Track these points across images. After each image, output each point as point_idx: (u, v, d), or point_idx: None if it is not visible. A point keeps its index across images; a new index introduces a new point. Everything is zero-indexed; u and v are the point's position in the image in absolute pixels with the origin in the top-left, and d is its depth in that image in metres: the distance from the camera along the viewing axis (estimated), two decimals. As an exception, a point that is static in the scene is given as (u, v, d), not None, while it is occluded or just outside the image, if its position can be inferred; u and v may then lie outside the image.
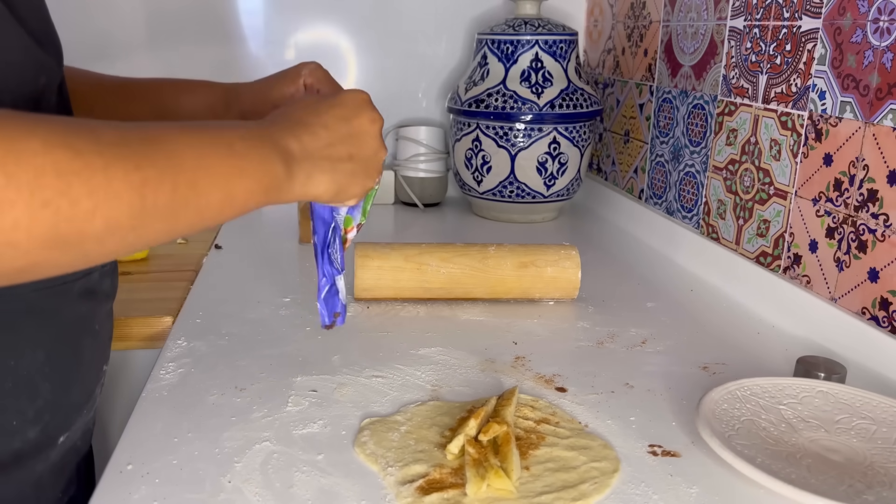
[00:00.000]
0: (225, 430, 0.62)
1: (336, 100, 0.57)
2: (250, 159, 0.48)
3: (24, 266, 0.37)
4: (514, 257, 0.91)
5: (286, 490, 0.54)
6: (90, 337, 0.60)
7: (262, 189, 0.49)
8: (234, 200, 0.47)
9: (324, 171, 0.53)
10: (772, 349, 0.83)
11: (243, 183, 0.47)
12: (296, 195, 0.52)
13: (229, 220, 0.49)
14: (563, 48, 1.29)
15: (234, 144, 0.47)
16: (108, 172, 0.38)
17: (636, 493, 0.55)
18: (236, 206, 0.48)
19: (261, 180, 0.48)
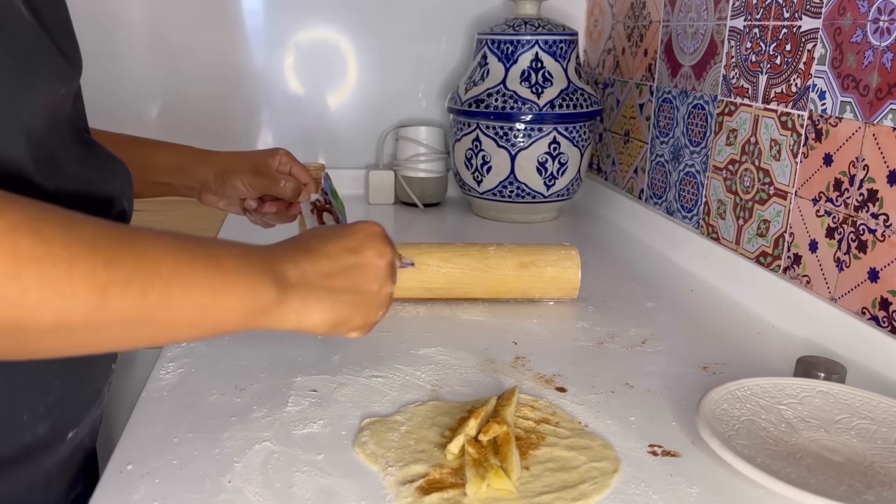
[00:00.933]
0: (225, 430, 0.62)
1: (346, 230, 0.56)
2: (237, 278, 0.45)
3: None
4: (514, 257, 0.91)
5: (286, 490, 0.54)
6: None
7: (246, 311, 0.46)
8: (210, 319, 0.44)
9: (321, 300, 0.51)
10: (772, 349, 0.83)
11: (224, 302, 0.45)
12: (289, 323, 0.50)
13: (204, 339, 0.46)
14: (563, 48, 1.29)
15: (221, 260, 0.45)
16: (70, 265, 0.37)
17: (636, 493, 0.55)
18: (211, 326, 0.45)
19: (245, 302, 0.46)
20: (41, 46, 0.50)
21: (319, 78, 1.51)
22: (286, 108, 1.51)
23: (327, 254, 0.53)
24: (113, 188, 0.59)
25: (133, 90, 1.44)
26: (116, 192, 0.59)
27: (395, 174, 1.47)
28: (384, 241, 0.57)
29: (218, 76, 1.47)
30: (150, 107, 1.46)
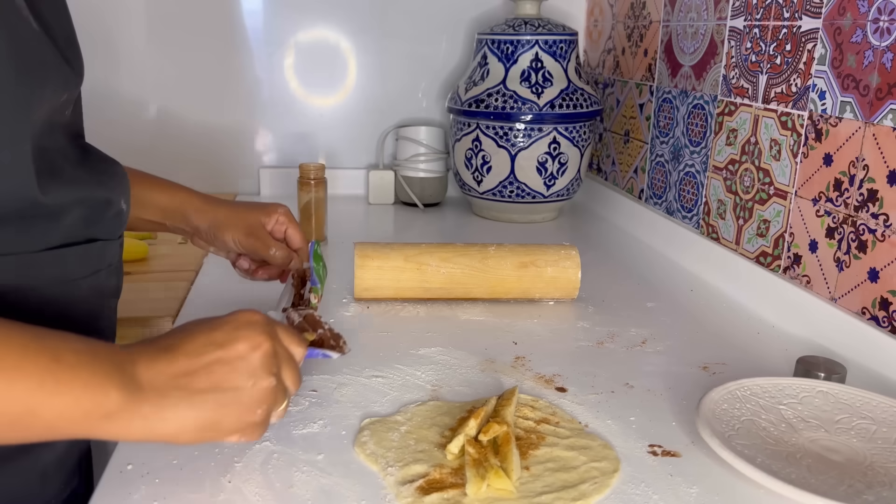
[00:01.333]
0: (225, 430, 0.62)
1: (215, 322, 0.50)
2: (74, 375, 0.42)
3: None
4: (514, 257, 0.91)
5: (286, 490, 0.54)
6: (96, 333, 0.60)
7: (83, 414, 0.42)
8: (39, 419, 0.41)
9: (177, 405, 0.46)
10: (772, 349, 0.83)
11: (56, 400, 0.41)
12: (137, 432, 0.45)
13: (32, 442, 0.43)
14: (563, 48, 1.29)
15: (62, 355, 0.42)
16: None
17: (636, 493, 0.55)
18: (40, 428, 0.42)
19: (81, 403, 0.42)
20: (48, 55, 0.51)
21: (319, 78, 1.51)
22: (286, 108, 1.51)
23: (188, 351, 0.48)
24: (110, 190, 0.59)
25: (132, 90, 1.44)
26: (114, 194, 0.60)
27: (395, 174, 1.47)
28: (260, 329, 0.50)
29: (218, 76, 1.47)
30: (149, 107, 1.46)
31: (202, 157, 1.50)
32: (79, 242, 0.57)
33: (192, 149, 1.49)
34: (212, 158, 1.51)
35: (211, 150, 1.50)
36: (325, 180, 1.17)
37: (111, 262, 0.62)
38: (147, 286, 1.00)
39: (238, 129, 1.51)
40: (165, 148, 1.48)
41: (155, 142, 1.47)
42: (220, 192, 1.50)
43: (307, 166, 1.16)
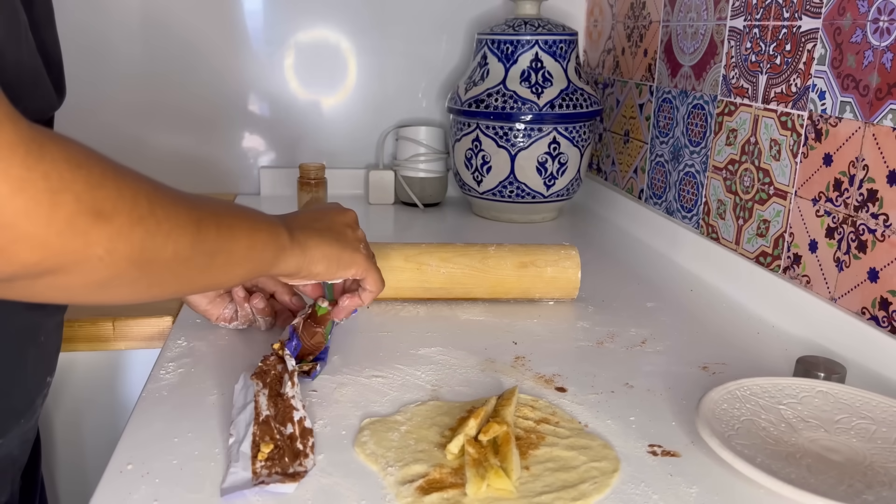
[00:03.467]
0: (225, 430, 0.62)
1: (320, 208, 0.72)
2: (264, 221, 0.58)
3: (106, 278, 0.42)
4: (514, 257, 0.91)
5: (286, 490, 0.54)
6: (34, 347, 0.60)
7: (274, 246, 0.58)
8: (255, 251, 0.55)
9: (312, 239, 0.64)
10: (772, 349, 0.83)
11: (261, 236, 0.56)
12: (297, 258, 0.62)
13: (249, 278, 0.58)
14: (563, 48, 1.29)
15: (249, 212, 0.57)
16: (177, 206, 0.46)
17: (636, 493, 0.55)
18: (255, 259, 0.56)
19: (273, 239, 0.58)
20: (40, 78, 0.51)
21: (319, 78, 1.51)
22: (286, 107, 1.51)
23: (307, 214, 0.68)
24: None
25: (132, 89, 1.44)
26: None
27: (395, 174, 1.47)
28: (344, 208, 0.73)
29: (218, 76, 1.47)
30: (148, 106, 1.46)
31: (202, 157, 1.50)
32: None
33: (191, 149, 1.49)
34: (212, 158, 1.51)
35: (211, 151, 1.50)
36: (325, 180, 1.17)
37: None
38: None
39: (238, 129, 1.51)
40: (164, 148, 1.48)
41: (154, 142, 1.47)
42: (220, 192, 1.51)
43: (307, 166, 1.16)
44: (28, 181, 0.35)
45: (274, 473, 0.55)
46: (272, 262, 0.59)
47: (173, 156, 1.48)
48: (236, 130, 1.51)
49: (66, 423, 0.96)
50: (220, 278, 0.55)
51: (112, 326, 0.89)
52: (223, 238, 0.51)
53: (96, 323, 0.89)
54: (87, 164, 0.39)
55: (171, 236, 0.44)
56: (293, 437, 0.58)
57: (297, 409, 0.60)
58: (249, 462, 0.55)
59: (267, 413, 0.59)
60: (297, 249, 0.61)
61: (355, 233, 0.70)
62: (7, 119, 0.35)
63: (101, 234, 0.39)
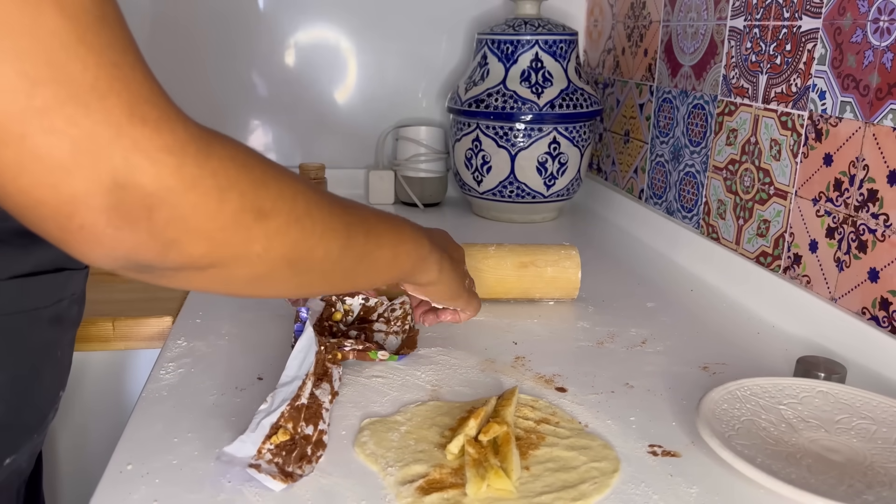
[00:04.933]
0: (225, 430, 0.62)
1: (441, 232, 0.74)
2: (408, 230, 0.59)
3: (259, 274, 0.43)
4: (514, 257, 0.91)
5: (286, 490, 0.54)
6: (52, 363, 0.60)
7: (416, 255, 0.60)
8: (398, 258, 0.57)
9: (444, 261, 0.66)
10: (772, 349, 0.83)
11: (405, 245, 0.58)
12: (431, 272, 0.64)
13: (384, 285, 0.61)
14: (563, 48, 1.29)
15: (395, 218, 0.58)
16: (331, 209, 0.47)
17: (636, 493, 0.55)
18: (398, 266, 0.58)
19: (415, 248, 0.60)
20: None
21: (319, 78, 1.51)
22: (286, 107, 1.51)
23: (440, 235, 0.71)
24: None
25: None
26: None
27: (395, 174, 1.47)
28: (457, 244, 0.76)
29: (217, 76, 1.47)
30: (150, 107, 1.46)
31: (202, 157, 1.50)
32: (47, 272, 0.56)
33: (192, 149, 1.49)
34: (212, 158, 1.51)
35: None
36: (325, 180, 1.17)
37: (74, 292, 0.61)
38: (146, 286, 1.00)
39: (238, 128, 1.51)
40: (165, 148, 1.48)
41: (155, 142, 1.47)
42: (220, 192, 1.50)
43: (307, 166, 1.16)
44: (199, 178, 0.37)
45: (273, 464, 0.55)
46: (412, 272, 0.61)
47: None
48: (236, 130, 1.51)
49: (66, 423, 0.96)
50: (363, 281, 0.57)
51: (112, 326, 0.89)
52: (370, 244, 0.52)
53: (96, 323, 0.89)
54: (251, 164, 0.41)
55: (323, 238, 0.46)
56: (308, 439, 0.58)
57: (325, 420, 0.61)
58: (261, 439, 0.56)
59: (304, 402, 0.61)
60: (432, 263, 0.64)
61: (465, 272, 0.74)
62: (178, 120, 0.37)
63: (261, 231, 0.41)
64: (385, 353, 0.73)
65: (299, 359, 0.64)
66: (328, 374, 0.66)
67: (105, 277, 1.04)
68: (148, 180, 0.35)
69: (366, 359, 0.73)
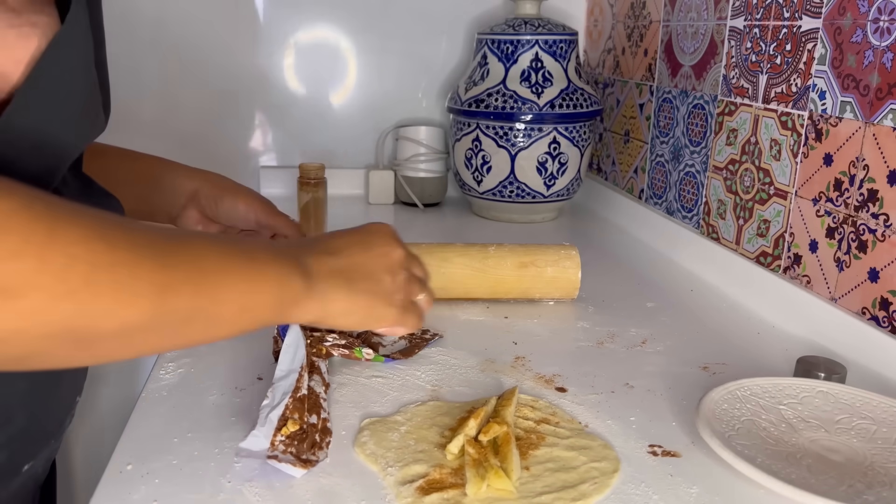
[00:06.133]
0: (225, 430, 0.62)
1: (356, 230, 0.61)
2: (270, 269, 0.49)
3: (22, 355, 0.37)
4: (514, 257, 0.91)
5: (286, 490, 0.54)
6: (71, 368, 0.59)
7: (278, 302, 0.49)
8: (249, 311, 0.47)
9: (340, 289, 0.54)
10: (772, 349, 0.83)
11: (261, 294, 0.48)
12: (314, 312, 0.53)
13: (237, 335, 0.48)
14: (563, 48, 1.29)
15: (255, 254, 0.48)
16: (135, 270, 0.39)
17: (636, 493, 0.55)
18: (250, 318, 0.48)
19: (279, 292, 0.49)
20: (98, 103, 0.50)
21: (319, 78, 1.51)
22: (286, 108, 1.51)
23: (341, 250, 0.57)
24: None
25: (130, 88, 1.44)
26: None
27: (395, 174, 1.47)
28: (391, 237, 0.61)
29: (217, 76, 1.47)
30: (148, 106, 1.46)
31: (202, 156, 1.50)
32: None
33: (191, 149, 1.49)
34: (211, 158, 1.51)
35: (211, 150, 1.50)
36: (325, 180, 1.17)
37: None
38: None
39: (238, 128, 1.51)
40: (164, 148, 1.47)
41: (154, 142, 1.47)
42: (220, 192, 1.50)
43: (307, 166, 1.16)
44: None
45: (289, 453, 0.57)
46: (278, 315, 0.51)
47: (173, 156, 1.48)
48: (236, 130, 1.51)
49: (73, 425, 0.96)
50: (197, 339, 0.47)
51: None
52: (202, 300, 0.43)
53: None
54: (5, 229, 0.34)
55: (116, 308, 0.38)
56: (315, 427, 0.60)
57: (324, 408, 0.63)
58: (272, 432, 0.57)
59: (304, 392, 0.61)
60: (312, 302, 0.52)
61: (395, 280, 0.59)
62: None
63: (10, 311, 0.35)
64: (370, 353, 0.73)
65: (290, 353, 0.65)
66: (316, 367, 0.67)
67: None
68: None
69: (351, 357, 0.73)
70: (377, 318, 0.58)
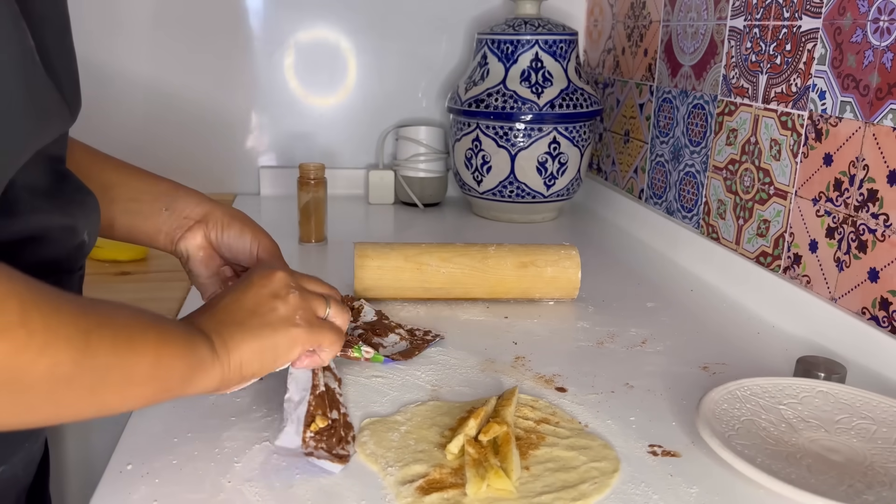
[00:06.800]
0: (225, 430, 0.62)
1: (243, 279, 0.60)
2: (177, 330, 0.50)
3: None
4: (514, 257, 0.91)
5: (286, 490, 0.54)
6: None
7: (188, 366, 0.50)
8: (161, 372, 0.47)
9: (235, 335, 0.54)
10: (772, 349, 0.83)
11: (172, 355, 0.48)
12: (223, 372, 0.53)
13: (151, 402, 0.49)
14: (563, 48, 1.29)
15: (161, 318, 0.49)
16: (60, 314, 0.40)
17: (636, 493, 0.55)
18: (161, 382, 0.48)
19: (188, 353, 0.50)
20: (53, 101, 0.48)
21: (319, 78, 1.51)
22: (286, 107, 1.51)
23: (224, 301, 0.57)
24: (74, 219, 0.56)
25: (131, 89, 1.44)
26: (78, 224, 0.56)
27: (395, 174, 1.47)
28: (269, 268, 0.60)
29: (217, 76, 1.47)
30: (148, 106, 1.46)
31: (202, 156, 1.50)
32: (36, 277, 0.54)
33: (191, 149, 1.49)
34: (211, 158, 1.51)
35: (211, 150, 1.50)
36: (325, 180, 1.17)
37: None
38: (146, 286, 1.00)
39: (238, 128, 1.51)
40: (164, 148, 1.48)
41: (154, 142, 1.47)
42: (220, 192, 1.50)
43: (307, 166, 1.16)
44: None
45: (321, 449, 0.57)
46: (186, 381, 0.50)
47: (173, 156, 1.48)
48: (236, 130, 1.51)
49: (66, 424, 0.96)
50: (113, 401, 0.46)
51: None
52: (120, 352, 0.44)
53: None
54: None
55: (46, 351, 0.38)
56: (338, 423, 0.60)
57: (342, 403, 0.63)
58: (301, 428, 0.58)
59: (322, 389, 0.61)
60: (218, 363, 0.52)
61: (286, 301, 0.58)
62: None
63: None
64: (370, 351, 0.72)
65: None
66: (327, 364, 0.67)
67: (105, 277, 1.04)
68: None
69: (350, 357, 0.72)
70: (286, 344, 0.57)
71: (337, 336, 0.61)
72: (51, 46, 0.50)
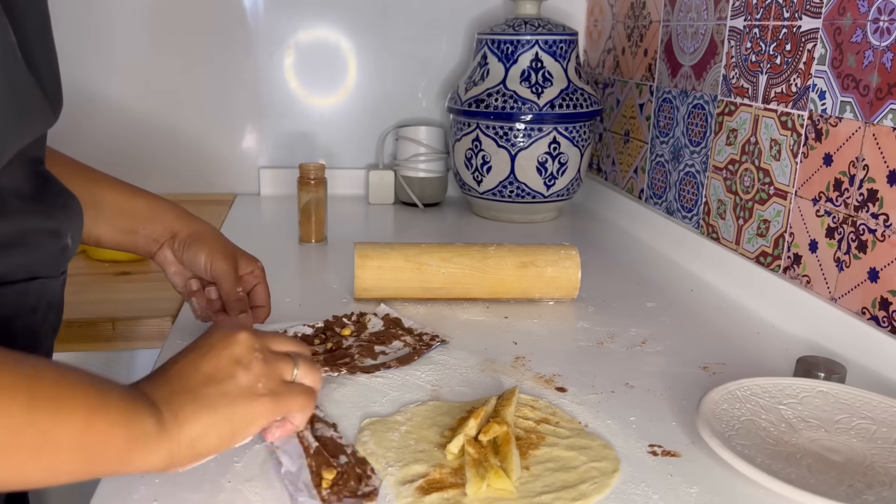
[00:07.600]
0: (225, 430, 0.62)
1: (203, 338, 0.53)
2: (118, 398, 0.44)
3: None
4: (514, 257, 0.91)
5: (285, 491, 0.54)
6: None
7: (126, 439, 0.44)
8: (90, 438, 0.42)
9: (187, 407, 0.48)
10: (772, 349, 0.83)
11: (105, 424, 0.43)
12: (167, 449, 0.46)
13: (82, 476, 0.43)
14: (563, 48, 1.29)
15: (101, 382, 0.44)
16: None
17: (636, 493, 0.55)
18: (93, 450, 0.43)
19: (124, 423, 0.44)
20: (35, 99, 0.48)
21: (319, 78, 1.51)
22: (286, 107, 1.51)
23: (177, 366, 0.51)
24: (57, 223, 0.56)
25: (131, 89, 1.44)
26: (62, 227, 0.56)
27: (395, 174, 1.47)
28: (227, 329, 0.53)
29: (217, 76, 1.47)
30: (148, 106, 1.46)
31: (202, 156, 1.50)
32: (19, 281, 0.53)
33: (191, 149, 1.49)
34: (211, 158, 1.51)
35: (210, 150, 1.50)
36: (325, 180, 1.17)
37: (51, 300, 0.58)
38: (146, 286, 1.00)
39: (238, 128, 1.51)
40: (165, 148, 1.48)
41: (154, 142, 1.47)
42: (219, 193, 1.51)
43: (307, 166, 1.16)
44: None
45: (344, 497, 0.53)
46: (125, 456, 0.44)
47: (173, 156, 1.48)
48: (236, 130, 1.51)
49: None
50: (32, 471, 0.40)
51: (112, 326, 0.89)
52: (37, 412, 0.39)
53: (96, 323, 0.89)
54: None
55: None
56: (350, 464, 0.57)
57: (345, 444, 0.60)
58: (315, 491, 0.53)
59: (317, 445, 0.59)
60: (166, 438, 0.46)
61: (248, 369, 0.51)
62: None
63: None
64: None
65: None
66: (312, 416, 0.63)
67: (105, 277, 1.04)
68: None
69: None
70: (246, 418, 0.50)
71: (307, 398, 0.54)
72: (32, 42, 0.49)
